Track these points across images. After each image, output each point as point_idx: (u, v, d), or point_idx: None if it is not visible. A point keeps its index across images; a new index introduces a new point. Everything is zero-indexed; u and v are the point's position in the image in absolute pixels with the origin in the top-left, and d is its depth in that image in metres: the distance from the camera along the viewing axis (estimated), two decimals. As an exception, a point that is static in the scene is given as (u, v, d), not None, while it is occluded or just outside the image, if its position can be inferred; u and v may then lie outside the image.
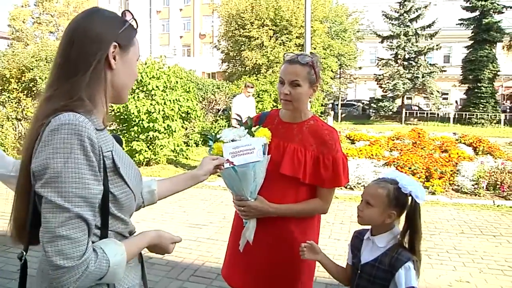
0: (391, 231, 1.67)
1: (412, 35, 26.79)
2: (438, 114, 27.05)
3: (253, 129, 1.88)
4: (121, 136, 1.52)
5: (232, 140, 1.80)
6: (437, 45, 26.48)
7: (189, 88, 10.25)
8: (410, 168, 7.39)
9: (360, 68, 30.78)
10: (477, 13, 25.99)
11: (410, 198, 1.64)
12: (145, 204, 1.48)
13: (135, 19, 1.24)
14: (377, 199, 1.64)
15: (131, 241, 1.21)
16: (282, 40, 21.50)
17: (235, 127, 1.92)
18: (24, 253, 1.14)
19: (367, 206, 1.66)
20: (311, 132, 1.92)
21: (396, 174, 1.70)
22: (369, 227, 1.75)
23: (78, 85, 1.10)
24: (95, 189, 1.04)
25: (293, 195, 1.90)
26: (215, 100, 14.43)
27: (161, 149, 9.13)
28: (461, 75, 27.02)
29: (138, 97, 8.75)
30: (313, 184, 1.90)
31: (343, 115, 30.02)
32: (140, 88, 8.79)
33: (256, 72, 20.49)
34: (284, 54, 1.92)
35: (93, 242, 1.07)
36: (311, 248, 1.76)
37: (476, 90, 25.38)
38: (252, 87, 8.98)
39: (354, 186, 7.06)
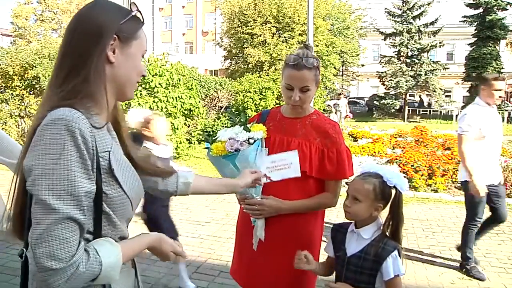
0: (375, 222, 1.70)
1: (415, 33, 26.66)
2: (441, 112, 26.97)
3: (249, 125, 1.88)
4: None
5: (230, 139, 1.80)
6: (440, 43, 26.35)
7: (191, 85, 10.26)
8: (412, 165, 7.37)
9: (362, 65, 30.68)
10: (480, 10, 25.82)
11: (394, 190, 1.68)
12: (177, 193, 1.48)
13: (140, 12, 1.18)
14: (364, 194, 1.67)
15: (128, 242, 1.16)
16: (284, 37, 21.47)
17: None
18: (25, 250, 1.10)
19: (355, 202, 1.69)
20: (314, 126, 1.94)
21: (377, 167, 1.74)
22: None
23: (77, 80, 1.06)
24: (88, 188, 1.01)
25: (299, 190, 1.91)
26: (218, 97, 14.43)
27: (164, 146, 9.13)
28: (464, 72, 26.88)
29: (140, 94, 8.76)
30: (319, 178, 1.92)
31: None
32: (143, 86, 8.80)
33: (259, 70, 20.47)
34: (286, 57, 1.90)
35: (88, 242, 1.05)
36: (306, 259, 1.78)
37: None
38: None
39: (357, 184, 7.05)
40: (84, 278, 0.99)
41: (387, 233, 1.68)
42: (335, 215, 5.46)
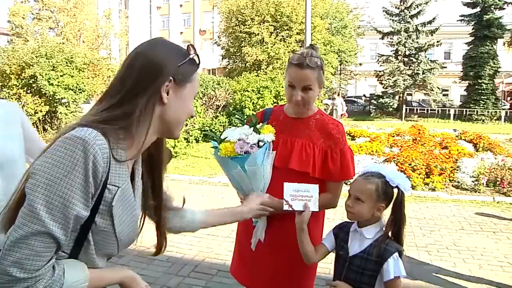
0: (379, 222, 1.70)
1: (412, 31, 26.69)
2: (438, 111, 27.02)
3: (258, 126, 1.86)
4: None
5: (239, 140, 1.79)
6: (437, 42, 26.38)
7: (189, 84, 10.24)
8: (410, 164, 7.39)
9: (360, 64, 30.73)
10: (478, 9, 25.86)
11: (396, 190, 1.68)
12: (184, 231, 1.50)
13: (197, 54, 1.18)
14: (366, 194, 1.66)
15: (100, 271, 1.12)
16: (282, 36, 21.44)
17: (238, 126, 1.91)
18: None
19: (357, 202, 1.68)
20: (317, 127, 1.93)
21: (379, 167, 1.73)
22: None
23: (122, 111, 1.06)
24: (80, 213, 0.99)
25: None
26: (215, 96, 14.42)
27: (161, 145, 9.13)
28: (461, 71, 26.92)
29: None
30: (322, 179, 1.91)
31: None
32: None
33: (257, 68, 20.46)
34: (290, 55, 1.88)
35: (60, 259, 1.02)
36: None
37: (476, 86, 25.29)
38: None
39: (354, 183, 7.06)
40: None
41: (390, 234, 1.67)
42: (333, 213, 5.47)
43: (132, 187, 1.19)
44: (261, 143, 1.79)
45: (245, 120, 1.95)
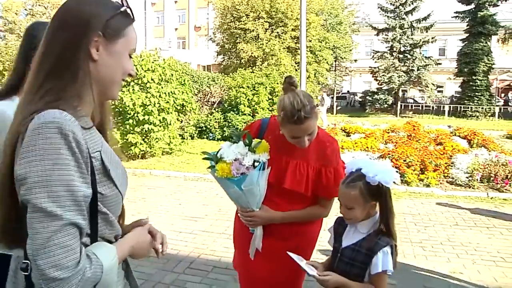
0: (373, 217, 1.71)
1: (407, 28, 26.74)
2: (433, 107, 27.12)
3: (253, 144, 1.84)
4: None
5: (235, 160, 1.79)
6: (432, 38, 26.45)
7: (184, 80, 10.21)
8: (405, 160, 7.41)
9: (355, 60, 30.72)
10: (472, 6, 25.93)
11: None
12: None
13: (129, 8, 1.11)
14: (353, 201, 1.66)
15: (120, 243, 1.12)
16: (277, 32, 21.42)
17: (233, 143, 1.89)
18: (29, 263, 0.98)
19: (349, 210, 1.69)
20: (313, 146, 1.92)
21: (359, 164, 1.70)
22: None
23: (61, 80, 1.01)
24: (85, 192, 0.97)
25: (297, 203, 1.95)
26: (210, 92, 14.39)
27: (157, 141, 9.11)
28: (456, 68, 27.03)
29: (133, 89, 8.70)
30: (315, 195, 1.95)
31: (338, 107, 30.05)
32: (135, 81, 8.75)
33: (252, 65, 20.43)
34: (283, 111, 1.78)
35: (85, 245, 1.00)
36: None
37: (471, 83, 25.41)
38: None
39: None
40: (88, 284, 0.95)
41: (383, 229, 1.68)
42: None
43: None
44: (256, 164, 1.79)
45: (240, 136, 1.91)
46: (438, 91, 30.43)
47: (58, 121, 0.94)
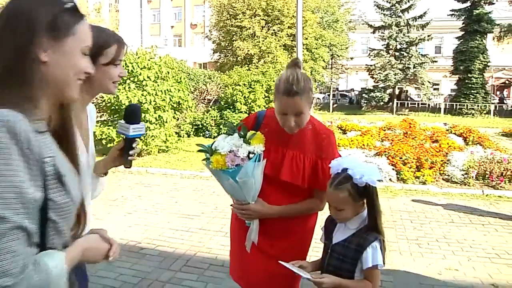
0: (361, 214, 1.73)
1: (403, 26, 26.76)
2: (429, 105, 27.20)
3: (248, 135, 1.84)
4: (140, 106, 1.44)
5: (230, 151, 1.78)
6: (428, 36, 26.49)
7: (180, 78, 10.19)
8: (401, 158, 7.43)
9: (351, 58, 30.75)
10: (468, 4, 26.00)
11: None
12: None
13: (75, 4, 1.05)
14: (342, 202, 1.68)
15: (70, 248, 1.07)
16: (274, 30, 21.41)
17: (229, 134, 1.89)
18: None
19: (338, 211, 1.71)
20: (309, 138, 1.93)
21: (345, 165, 1.71)
22: None
23: (9, 82, 0.96)
24: (34, 195, 0.92)
25: (292, 197, 1.94)
26: (207, 90, 14.37)
27: (153, 139, 9.09)
28: (452, 65, 27.11)
29: (129, 87, 8.68)
30: (310, 187, 1.94)
31: (335, 105, 30.09)
32: (131, 79, 8.72)
33: (248, 62, 20.39)
34: (276, 83, 1.82)
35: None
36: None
37: (466, 81, 25.48)
38: None
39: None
40: None
41: (371, 225, 1.71)
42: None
43: None
44: (251, 155, 1.79)
45: (235, 128, 1.90)
46: (434, 89, 30.50)
47: (8, 119, 0.89)
